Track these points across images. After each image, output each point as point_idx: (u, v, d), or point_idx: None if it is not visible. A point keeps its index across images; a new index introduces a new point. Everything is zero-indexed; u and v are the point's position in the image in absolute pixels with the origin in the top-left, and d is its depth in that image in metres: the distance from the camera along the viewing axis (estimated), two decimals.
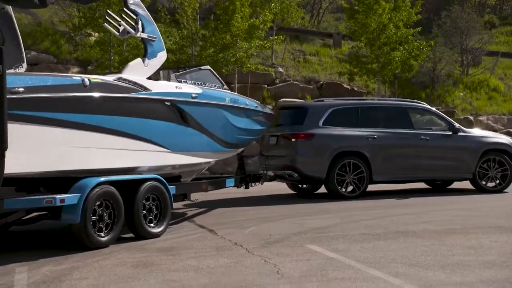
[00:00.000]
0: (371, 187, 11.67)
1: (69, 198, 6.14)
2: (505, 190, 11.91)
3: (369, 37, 21.30)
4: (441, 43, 25.86)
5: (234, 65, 20.03)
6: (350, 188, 11.05)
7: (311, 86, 23.53)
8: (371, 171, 11.09)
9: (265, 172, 11.18)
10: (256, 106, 9.97)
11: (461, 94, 25.87)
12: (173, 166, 8.03)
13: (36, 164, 6.04)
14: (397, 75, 22.77)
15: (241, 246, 6.50)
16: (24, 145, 5.85)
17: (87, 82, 6.51)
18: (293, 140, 11.02)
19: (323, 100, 12.15)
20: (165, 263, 5.74)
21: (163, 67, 8.46)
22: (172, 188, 7.54)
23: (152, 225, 7.16)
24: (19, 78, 5.97)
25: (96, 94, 6.61)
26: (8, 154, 5.53)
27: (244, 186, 10.38)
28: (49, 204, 6.01)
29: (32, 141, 5.97)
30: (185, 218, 8.92)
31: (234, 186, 9.95)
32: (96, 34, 21.10)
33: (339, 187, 10.93)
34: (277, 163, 11.27)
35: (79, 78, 6.54)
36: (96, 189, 6.37)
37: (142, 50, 22.08)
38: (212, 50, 19.63)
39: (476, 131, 12.80)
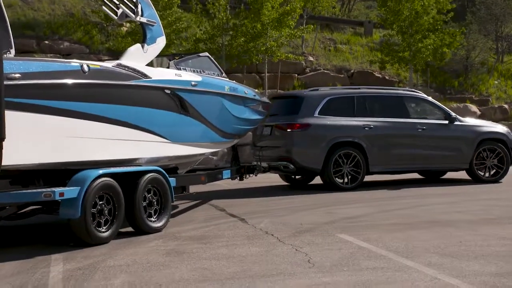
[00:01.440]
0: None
1: (69, 191, 5.76)
2: (500, 181, 11.70)
3: (401, 25, 21.02)
4: (475, 30, 25.39)
5: (265, 54, 20.00)
6: (346, 179, 10.76)
7: (342, 75, 23.37)
8: (368, 162, 10.84)
9: (258, 163, 10.81)
10: (254, 95, 9.61)
11: (496, 82, 25.39)
12: (172, 158, 7.69)
13: (33, 155, 5.67)
14: (429, 63, 22.44)
15: (272, 235, 6.51)
16: (20, 135, 5.47)
17: (86, 68, 6.12)
18: (288, 130, 10.72)
19: (318, 89, 11.89)
20: (196, 251, 5.78)
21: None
22: (172, 180, 7.22)
23: (152, 219, 6.82)
24: (15, 64, 5.56)
25: (95, 81, 6.22)
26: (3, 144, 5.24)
27: (238, 177, 10.04)
28: (48, 198, 5.63)
29: (29, 131, 5.59)
30: (216, 207, 8.97)
31: (229, 178, 9.60)
32: (128, 25, 21.28)
33: (336, 178, 10.72)
34: (272, 154, 10.98)
35: (78, 64, 6.16)
36: (96, 182, 6.00)
37: (173, 40, 22.18)
38: (242, 39, 19.62)
39: (472, 120, 12.54)
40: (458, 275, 4.67)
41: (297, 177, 12.01)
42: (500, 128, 12.15)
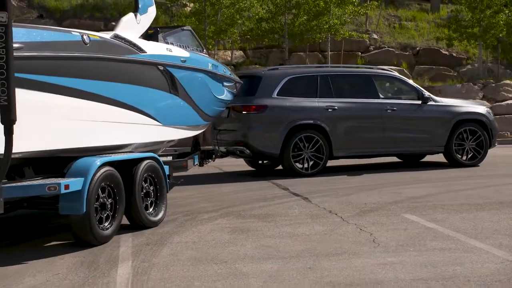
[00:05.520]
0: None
1: (73, 183, 5.01)
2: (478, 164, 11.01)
3: (471, 0, 20.29)
4: None
5: (327, 32, 19.77)
6: (307, 165, 10.11)
7: (407, 53, 22.86)
8: (331, 146, 10.22)
9: (216, 147, 10.11)
10: (230, 74, 8.88)
11: None
12: (158, 142, 6.96)
13: (28, 142, 4.80)
14: (500, 39, 21.60)
15: (336, 214, 6.48)
16: (22, 117, 4.42)
17: (87, 39, 5.35)
18: (244, 112, 10.06)
19: (277, 68, 11.32)
20: (261, 229, 5.83)
21: None
22: (166, 168, 6.54)
23: (151, 210, 6.16)
24: (17, 31, 4.56)
25: (97, 55, 5.46)
26: None
27: (198, 163, 9.19)
28: (52, 192, 4.85)
29: (28, 113, 4.67)
30: (279, 186, 9.01)
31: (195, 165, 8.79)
32: (192, 5, 21.49)
33: (296, 164, 10.08)
34: (229, 138, 10.36)
35: (78, 34, 5.34)
36: (100, 172, 5.30)
37: (237, 19, 22.14)
38: (305, 17, 19.47)
39: (449, 100, 11.63)
40: None
41: (263, 162, 11.39)
42: (479, 108, 11.33)
